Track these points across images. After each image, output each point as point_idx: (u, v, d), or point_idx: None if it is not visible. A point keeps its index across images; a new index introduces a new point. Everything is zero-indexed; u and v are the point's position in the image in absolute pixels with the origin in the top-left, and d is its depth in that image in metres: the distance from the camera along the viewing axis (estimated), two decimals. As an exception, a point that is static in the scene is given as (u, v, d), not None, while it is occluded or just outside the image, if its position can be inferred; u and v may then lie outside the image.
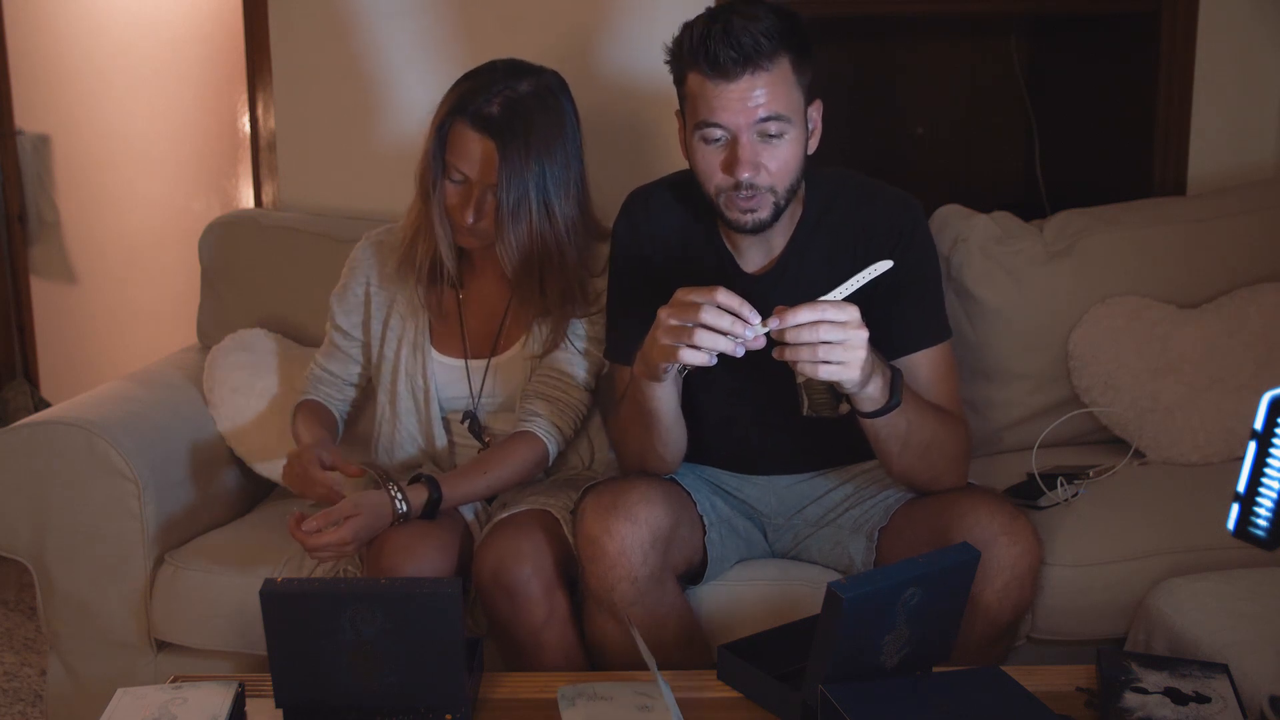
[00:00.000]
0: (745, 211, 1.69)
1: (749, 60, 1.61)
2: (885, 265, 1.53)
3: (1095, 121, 2.77)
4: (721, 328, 1.49)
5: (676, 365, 1.57)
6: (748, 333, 1.49)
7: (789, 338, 1.48)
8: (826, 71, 3.07)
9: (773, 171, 1.67)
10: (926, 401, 1.73)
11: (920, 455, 1.72)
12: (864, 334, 1.50)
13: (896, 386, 1.62)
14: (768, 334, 1.50)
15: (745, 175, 1.65)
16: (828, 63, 2.98)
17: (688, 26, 1.68)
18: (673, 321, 1.53)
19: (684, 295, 1.53)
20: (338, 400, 2.10)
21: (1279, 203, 2.32)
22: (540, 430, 1.91)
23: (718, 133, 1.66)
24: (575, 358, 1.95)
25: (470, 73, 1.89)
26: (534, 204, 1.83)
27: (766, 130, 1.65)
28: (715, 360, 1.52)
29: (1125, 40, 2.62)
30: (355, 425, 2.19)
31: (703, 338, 1.49)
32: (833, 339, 1.48)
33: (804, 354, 1.48)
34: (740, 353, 1.50)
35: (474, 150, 1.83)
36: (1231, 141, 2.51)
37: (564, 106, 1.89)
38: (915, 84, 3.09)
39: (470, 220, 1.86)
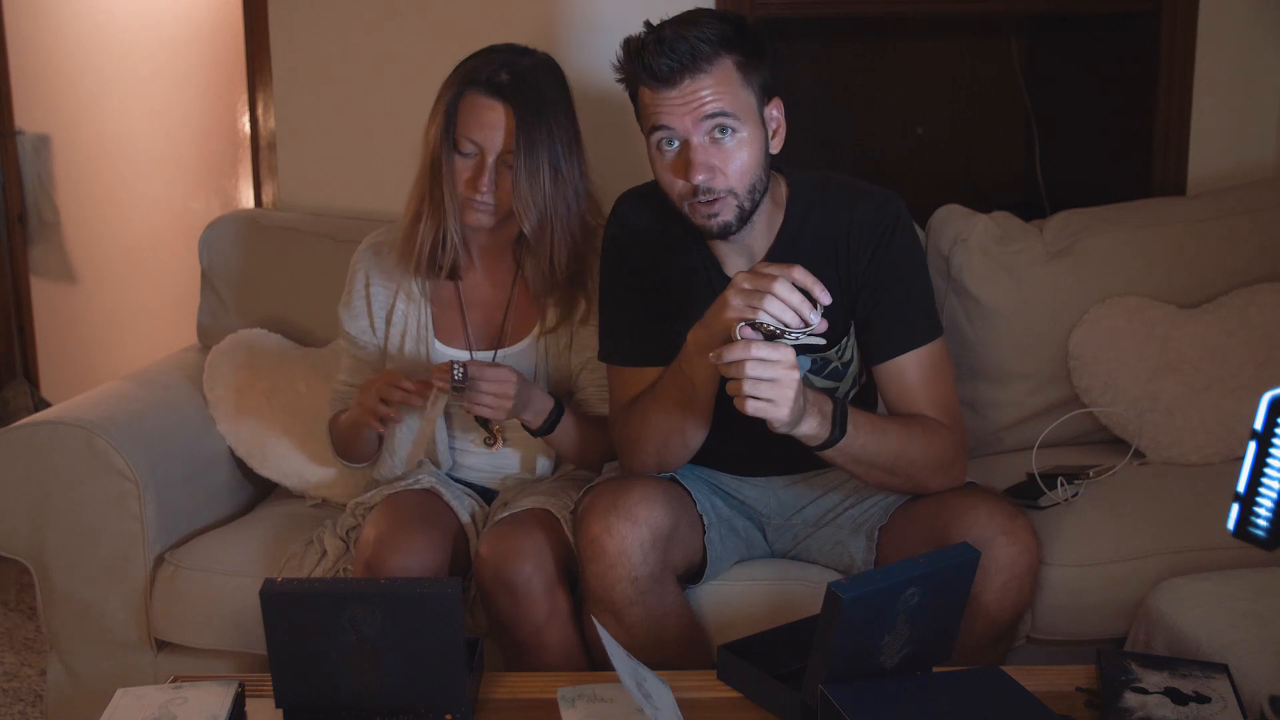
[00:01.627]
0: (709, 217, 1.70)
1: (685, 66, 1.63)
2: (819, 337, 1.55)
3: (1095, 121, 2.77)
4: (793, 303, 1.51)
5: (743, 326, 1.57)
6: (812, 318, 1.52)
7: (721, 371, 1.53)
8: (827, 72, 3.08)
9: (729, 173, 1.67)
10: (889, 420, 1.74)
11: (889, 471, 1.73)
12: (794, 375, 1.51)
13: (838, 420, 1.63)
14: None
15: (700, 178, 1.66)
16: (828, 63, 3.01)
17: (626, 42, 1.70)
18: (746, 285, 1.54)
19: (763, 267, 1.56)
20: None
21: (1279, 203, 2.32)
22: None
23: (669, 136, 1.67)
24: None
25: (470, 56, 1.92)
26: (546, 168, 1.86)
27: (715, 129, 1.65)
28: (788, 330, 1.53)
29: (1125, 40, 2.62)
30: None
31: (772, 304, 1.51)
32: (761, 375, 1.49)
33: (734, 386, 1.51)
34: (807, 329, 1.53)
35: (488, 117, 1.85)
36: (1231, 141, 2.51)
37: (563, 79, 1.94)
38: (915, 84, 3.09)
39: (483, 190, 1.87)
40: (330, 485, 2.22)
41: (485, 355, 2.01)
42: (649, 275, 1.85)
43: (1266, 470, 1.18)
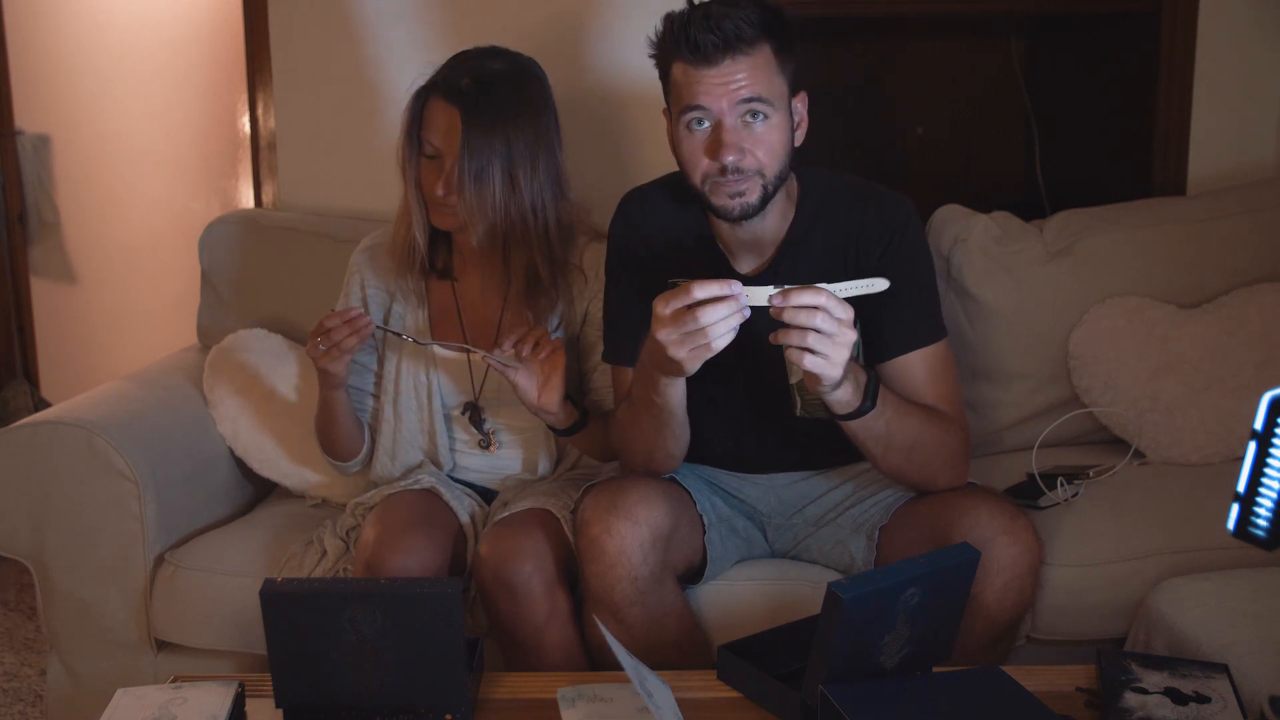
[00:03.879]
0: (733, 196, 1.69)
1: (729, 45, 1.63)
2: (882, 284, 1.54)
3: (1095, 121, 2.77)
4: (720, 317, 1.49)
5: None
6: (742, 299, 1.49)
7: (787, 316, 1.49)
8: (826, 72, 3.07)
9: (759, 156, 1.68)
10: (911, 404, 1.73)
11: (906, 457, 1.72)
12: (853, 335, 1.50)
13: (870, 391, 1.63)
14: (768, 310, 1.50)
15: (730, 158, 1.66)
16: (828, 63, 3.01)
17: (669, 17, 1.70)
18: (675, 336, 1.51)
19: (665, 308, 1.51)
20: (360, 412, 2.07)
21: (1279, 203, 2.32)
22: None
23: (701, 117, 1.67)
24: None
25: (451, 57, 1.93)
26: (497, 174, 1.85)
27: (749, 113, 1.66)
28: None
29: (1125, 40, 2.62)
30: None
31: (715, 332, 1.49)
32: (825, 329, 1.48)
33: (794, 338, 1.49)
34: (748, 314, 1.50)
35: (442, 121, 1.86)
36: (1231, 141, 2.51)
37: (536, 86, 1.92)
38: (915, 84, 3.08)
39: (440, 193, 1.88)
40: (330, 485, 2.22)
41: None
42: (654, 275, 1.84)
43: (1266, 470, 1.18)
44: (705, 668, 1.66)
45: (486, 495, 2.05)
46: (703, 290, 1.49)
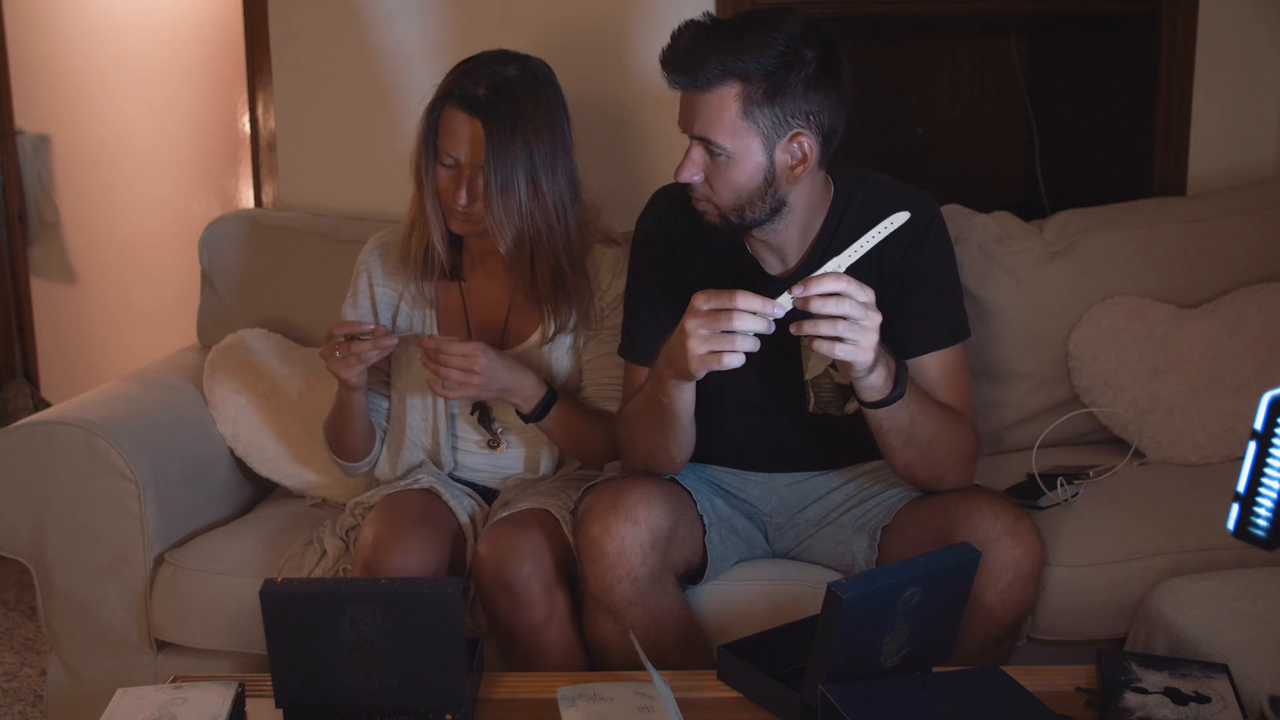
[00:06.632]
0: (701, 213, 1.74)
1: (686, 81, 1.65)
2: (902, 217, 1.54)
3: (1095, 121, 2.77)
4: (753, 329, 1.51)
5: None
6: (776, 312, 1.50)
7: (814, 307, 1.49)
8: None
9: (713, 186, 1.69)
10: (934, 399, 1.73)
11: (923, 451, 1.72)
12: (878, 317, 1.51)
13: (901, 379, 1.63)
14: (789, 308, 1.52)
15: (678, 175, 1.69)
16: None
17: (675, 30, 1.71)
18: (704, 331, 1.52)
19: (705, 303, 1.53)
20: (369, 411, 2.06)
21: (1279, 203, 2.32)
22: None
23: (683, 130, 1.70)
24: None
25: (461, 62, 1.92)
26: (522, 182, 1.85)
27: (705, 145, 1.68)
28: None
29: (1125, 40, 2.62)
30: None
31: (740, 343, 1.51)
32: (853, 315, 1.48)
33: (824, 328, 1.49)
34: (772, 328, 1.52)
35: (462, 132, 1.85)
36: (1231, 141, 2.51)
37: (550, 90, 1.91)
38: (915, 84, 3.09)
39: (462, 203, 1.87)
40: (330, 485, 2.22)
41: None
42: (681, 274, 1.83)
43: (1266, 470, 1.18)
44: (705, 668, 1.66)
45: (487, 494, 2.05)
46: (745, 301, 1.50)
